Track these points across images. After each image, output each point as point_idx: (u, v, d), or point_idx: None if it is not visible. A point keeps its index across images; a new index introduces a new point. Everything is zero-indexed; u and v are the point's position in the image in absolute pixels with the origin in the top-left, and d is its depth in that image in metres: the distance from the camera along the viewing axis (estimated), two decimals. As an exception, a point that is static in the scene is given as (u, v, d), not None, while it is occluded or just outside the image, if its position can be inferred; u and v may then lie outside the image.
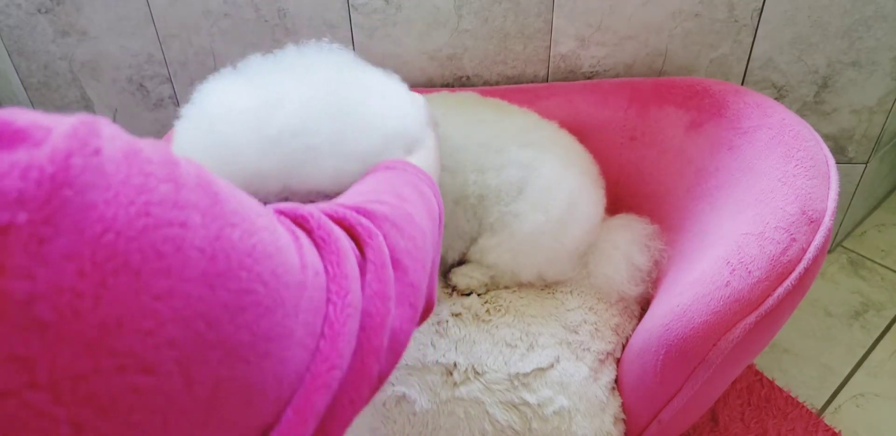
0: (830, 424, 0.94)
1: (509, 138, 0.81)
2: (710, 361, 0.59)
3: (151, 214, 0.22)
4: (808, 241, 0.59)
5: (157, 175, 0.23)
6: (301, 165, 0.53)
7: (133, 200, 0.22)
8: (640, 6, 0.95)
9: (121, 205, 0.21)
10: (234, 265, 0.25)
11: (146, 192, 0.22)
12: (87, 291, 0.20)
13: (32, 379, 0.18)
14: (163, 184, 0.23)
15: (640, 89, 0.92)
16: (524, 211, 0.78)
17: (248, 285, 0.25)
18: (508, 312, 0.78)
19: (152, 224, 0.22)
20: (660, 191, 0.88)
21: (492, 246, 0.80)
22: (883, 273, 1.23)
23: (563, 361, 0.71)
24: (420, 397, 0.69)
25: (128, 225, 0.21)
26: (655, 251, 0.80)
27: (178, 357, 0.22)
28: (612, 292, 0.80)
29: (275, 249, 0.28)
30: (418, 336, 0.75)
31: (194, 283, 0.23)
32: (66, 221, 0.19)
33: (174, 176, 0.24)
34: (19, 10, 1.06)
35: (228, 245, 0.25)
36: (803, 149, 0.69)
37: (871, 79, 1.00)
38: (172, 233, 0.22)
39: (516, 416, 0.68)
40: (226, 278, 0.24)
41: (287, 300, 0.28)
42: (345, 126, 0.54)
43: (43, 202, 0.19)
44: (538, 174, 0.79)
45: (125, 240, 0.21)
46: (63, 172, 0.19)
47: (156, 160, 0.24)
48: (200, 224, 0.24)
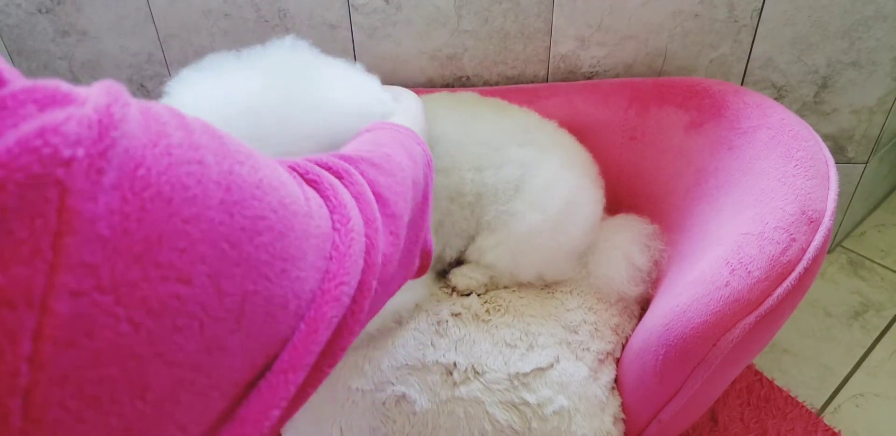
0: (830, 424, 0.94)
1: (509, 137, 0.81)
2: (710, 361, 0.59)
3: (173, 154, 0.26)
4: (808, 241, 0.59)
5: (170, 124, 0.27)
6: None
7: (156, 142, 0.25)
8: (640, 6, 0.95)
9: (147, 147, 0.25)
10: (247, 195, 0.29)
11: (165, 136, 0.26)
12: (132, 213, 0.24)
13: (99, 283, 0.22)
14: (177, 131, 0.27)
15: (640, 89, 0.92)
16: (521, 210, 0.78)
17: (261, 212, 0.29)
18: (508, 312, 0.78)
19: (175, 162, 0.26)
20: (659, 191, 0.88)
21: (490, 246, 0.80)
22: (882, 273, 1.23)
23: (562, 361, 0.71)
24: (420, 396, 0.69)
25: (156, 162, 0.25)
26: (655, 251, 0.80)
27: (208, 272, 0.26)
28: (612, 293, 0.80)
29: (279, 183, 0.32)
30: (418, 336, 0.75)
31: (215, 210, 0.27)
32: (115, 157, 0.23)
33: (184, 124, 0.28)
34: (19, 9, 1.06)
35: (239, 179, 0.29)
36: (803, 149, 0.69)
37: (870, 79, 1.00)
38: (192, 169, 0.26)
39: (516, 416, 0.68)
40: (241, 206, 0.28)
41: (297, 226, 0.32)
42: (290, 109, 0.58)
43: (96, 141, 0.23)
44: (536, 173, 0.79)
45: (155, 174, 0.25)
46: (107, 119, 0.23)
47: (165, 113, 0.28)
48: (213, 162, 0.28)
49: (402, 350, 0.73)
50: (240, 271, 0.28)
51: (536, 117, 0.87)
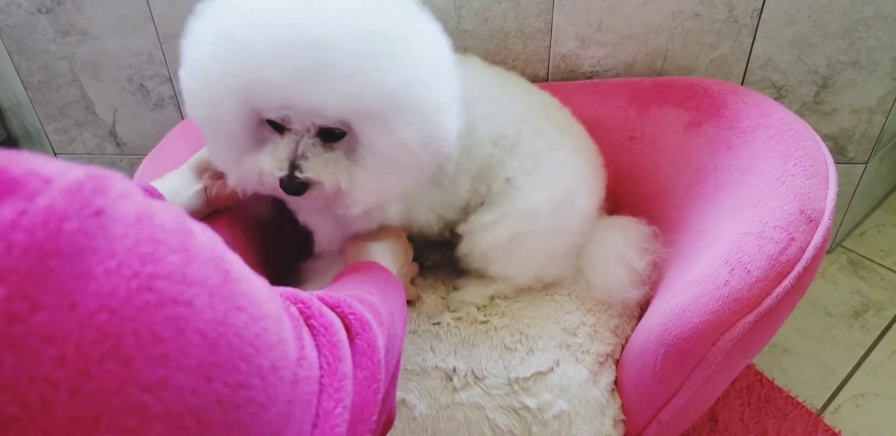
0: (830, 424, 0.94)
1: (541, 108, 0.82)
2: (709, 360, 0.59)
3: (155, 289, 0.19)
4: (807, 240, 0.59)
5: (168, 244, 0.21)
6: (308, 80, 0.51)
7: (137, 271, 0.19)
8: (640, 6, 0.95)
9: (123, 276, 0.18)
10: (236, 355, 0.22)
11: (153, 262, 0.20)
12: (63, 380, 0.17)
13: None
14: (173, 254, 0.21)
15: (640, 89, 0.92)
16: (527, 185, 0.76)
17: (246, 379, 0.23)
18: (506, 315, 0.78)
19: (154, 302, 0.19)
20: (659, 190, 0.88)
21: (490, 222, 0.76)
22: (883, 273, 1.23)
23: (562, 364, 0.71)
24: (419, 402, 0.69)
25: (126, 302, 0.18)
26: (654, 254, 0.79)
27: None
28: (613, 300, 0.78)
29: (277, 339, 0.26)
30: (417, 340, 0.74)
31: (190, 373, 0.20)
32: (49, 296, 0.16)
33: (186, 246, 0.22)
34: (19, 9, 1.06)
35: (233, 332, 0.23)
36: (802, 148, 0.69)
37: (870, 79, 1.00)
38: (175, 313, 0.20)
39: (516, 420, 0.67)
40: (224, 370, 0.22)
41: (281, 397, 0.25)
42: (368, 53, 0.52)
43: (24, 275, 0.16)
44: (551, 153, 0.77)
45: (120, 320, 0.18)
46: (53, 239, 0.17)
47: (169, 227, 0.21)
48: (207, 304, 0.22)
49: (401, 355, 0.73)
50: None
51: (557, 101, 0.86)
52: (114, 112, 1.19)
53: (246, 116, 0.57)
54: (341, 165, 0.59)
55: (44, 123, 1.21)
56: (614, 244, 0.80)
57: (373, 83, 0.53)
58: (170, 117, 1.17)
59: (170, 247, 0.21)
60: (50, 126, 1.22)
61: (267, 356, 0.24)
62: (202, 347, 0.21)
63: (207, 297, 0.22)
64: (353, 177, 0.60)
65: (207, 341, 0.21)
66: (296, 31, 0.51)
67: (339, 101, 0.53)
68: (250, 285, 0.25)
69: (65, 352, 0.17)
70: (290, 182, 0.58)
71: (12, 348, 0.16)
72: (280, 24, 0.51)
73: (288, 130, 0.58)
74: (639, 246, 0.79)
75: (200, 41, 0.55)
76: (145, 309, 0.19)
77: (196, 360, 0.21)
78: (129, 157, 1.25)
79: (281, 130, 0.59)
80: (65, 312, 0.17)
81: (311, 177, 0.58)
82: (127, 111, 1.18)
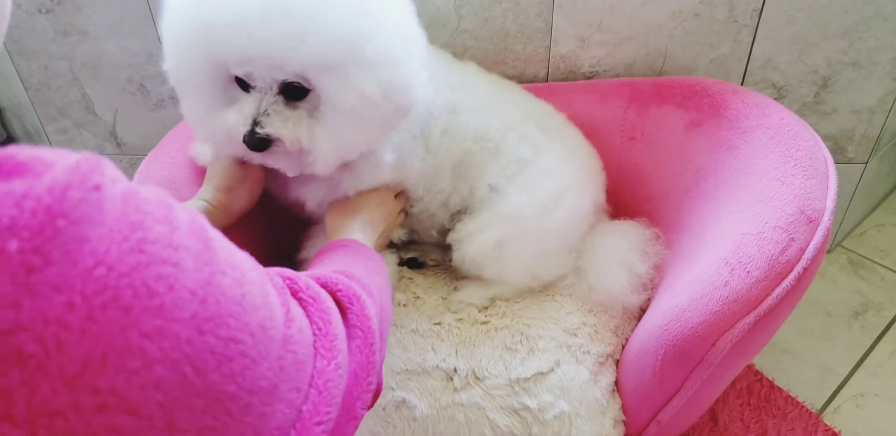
0: (830, 424, 0.94)
1: (533, 114, 0.83)
2: (709, 361, 0.59)
3: (145, 251, 0.22)
4: (807, 240, 0.59)
5: (153, 215, 0.23)
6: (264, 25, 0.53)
7: (127, 236, 0.21)
8: (640, 6, 0.95)
9: (114, 241, 0.21)
10: (224, 311, 0.25)
11: (141, 229, 0.22)
12: (74, 323, 0.19)
13: (8, 413, 0.18)
14: (158, 224, 0.23)
15: (640, 89, 0.92)
16: (510, 191, 0.76)
17: (236, 334, 0.25)
18: (507, 315, 0.78)
19: (145, 261, 0.22)
20: (658, 191, 0.88)
21: (474, 229, 0.77)
22: (883, 273, 1.23)
23: (563, 364, 0.71)
24: (420, 402, 0.69)
25: (120, 260, 0.21)
26: (655, 257, 0.79)
27: (162, 400, 0.22)
28: (615, 305, 0.78)
29: (263, 301, 0.28)
30: (418, 341, 0.74)
31: (184, 324, 0.22)
32: (57, 251, 0.19)
33: (170, 218, 0.24)
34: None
35: (219, 291, 0.25)
36: (802, 149, 0.69)
37: (870, 79, 1.00)
38: (165, 272, 0.22)
39: (517, 421, 0.67)
40: (215, 324, 0.24)
41: (272, 353, 0.27)
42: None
43: (35, 231, 0.18)
44: (540, 160, 0.78)
45: (117, 275, 0.20)
46: (59, 203, 0.19)
47: (153, 201, 0.24)
48: (193, 267, 0.24)
49: (402, 354, 0.73)
50: (199, 403, 0.23)
51: (551, 107, 0.88)
52: (114, 112, 1.19)
53: (213, 70, 0.59)
54: (302, 122, 0.61)
55: (44, 123, 1.21)
56: (616, 249, 0.80)
57: (329, 31, 0.53)
58: (170, 117, 1.17)
59: (155, 218, 0.23)
60: (50, 126, 1.22)
61: (253, 315, 0.27)
62: (192, 302, 0.23)
63: (192, 260, 0.24)
64: (313, 134, 0.61)
65: (197, 298, 0.23)
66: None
67: (292, 50, 0.54)
68: (232, 255, 0.28)
69: (72, 299, 0.19)
70: (251, 137, 0.60)
71: (30, 294, 0.18)
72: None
73: (253, 88, 0.60)
74: (640, 250, 0.79)
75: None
76: (138, 267, 0.21)
77: (188, 313, 0.23)
78: (129, 157, 1.25)
79: (247, 88, 0.60)
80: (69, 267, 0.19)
81: (271, 133, 0.60)
82: (127, 111, 1.18)
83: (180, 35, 0.58)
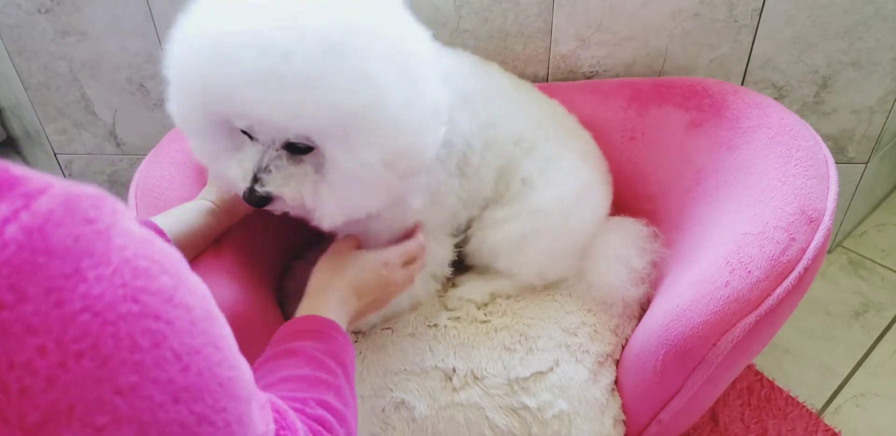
0: (830, 424, 0.94)
1: (553, 116, 0.84)
2: (710, 361, 0.59)
3: (140, 301, 0.20)
4: (808, 240, 0.59)
5: (163, 265, 0.22)
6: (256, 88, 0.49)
7: (127, 282, 0.20)
8: (640, 6, 0.95)
9: (112, 284, 0.19)
10: (204, 386, 0.23)
11: (145, 277, 0.20)
12: (42, 369, 0.17)
13: None
14: (166, 275, 0.22)
15: (640, 89, 0.92)
16: (541, 186, 0.78)
17: (210, 415, 0.23)
18: (507, 315, 0.77)
19: (137, 312, 0.20)
20: (659, 191, 0.88)
21: (500, 218, 0.78)
22: (883, 273, 1.23)
23: (562, 364, 0.71)
24: (419, 402, 0.69)
25: (111, 307, 0.19)
26: (653, 253, 0.79)
27: None
28: (615, 299, 0.79)
29: (245, 398, 0.26)
30: (416, 341, 0.74)
31: (161, 387, 0.21)
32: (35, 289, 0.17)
33: (180, 273, 0.23)
34: (19, 9, 1.06)
35: (205, 364, 0.23)
36: (802, 149, 0.69)
37: (871, 79, 1.00)
38: (156, 327, 0.21)
39: (516, 420, 0.67)
40: (192, 396, 0.22)
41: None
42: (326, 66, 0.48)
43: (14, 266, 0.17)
44: (563, 158, 0.80)
45: (102, 322, 0.19)
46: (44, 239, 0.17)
47: (167, 252, 0.22)
48: (187, 330, 0.22)
49: (400, 355, 0.73)
50: None
51: (564, 108, 0.88)
52: (113, 112, 1.18)
53: (215, 120, 0.56)
54: (307, 179, 0.57)
55: (43, 123, 1.21)
56: (613, 244, 0.81)
57: (328, 101, 0.49)
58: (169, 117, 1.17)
59: (164, 268, 0.22)
60: (50, 126, 1.22)
61: (233, 403, 0.24)
62: (175, 366, 0.22)
63: (188, 323, 0.22)
64: (318, 193, 0.57)
65: (181, 363, 0.22)
66: (246, 34, 0.48)
67: (289, 116, 0.50)
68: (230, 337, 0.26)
69: (46, 343, 0.18)
70: (250, 195, 0.56)
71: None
72: (235, 25, 0.48)
73: (255, 140, 0.56)
74: (637, 245, 0.80)
75: (175, 38, 0.53)
76: (127, 317, 0.20)
77: (167, 376, 0.21)
78: (128, 157, 1.25)
79: (252, 136, 0.57)
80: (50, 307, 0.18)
81: (271, 191, 0.56)
82: (126, 111, 1.18)
83: (181, 83, 0.55)
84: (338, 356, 0.49)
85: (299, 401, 0.40)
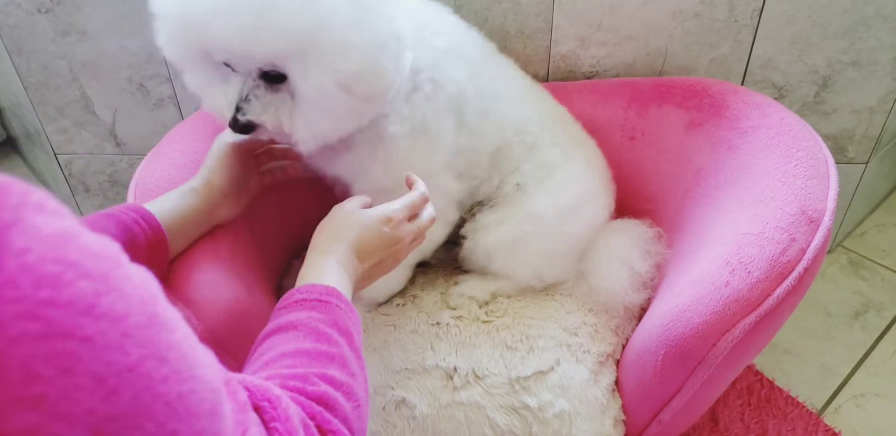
0: (830, 424, 0.94)
1: (559, 122, 0.84)
2: (710, 361, 0.59)
3: (43, 317, 0.16)
4: (808, 240, 0.59)
5: (83, 268, 0.17)
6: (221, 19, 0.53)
7: (26, 295, 0.15)
8: (641, 6, 0.95)
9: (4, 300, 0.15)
10: (142, 411, 0.18)
11: (53, 286, 0.16)
12: None
13: None
14: (84, 280, 0.17)
15: (640, 89, 0.92)
16: (535, 193, 0.78)
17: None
18: (507, 314, 0.77)
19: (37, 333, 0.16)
20: (659, 191, 0.88)
21: (493, 222, 0.78)
22: (883, 273, 1.23)
23: (563, 363, 0.71)
24: (420, 401, 0.69)
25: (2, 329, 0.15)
26: (657, 256, 0.79)
27: None
28: (617, 305, 0.78)
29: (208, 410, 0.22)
30: (417, 339, 0.74)
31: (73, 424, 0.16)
32: None
33: (107, 275, 0.18)
34: (19, 9, 1.06)
35: (143, 383, 0.19)
36: (802, 149, 0.69)
37: (871, 79, 1.00)
38: (64, 349, 0.16)
39: (517, 420, 0.67)
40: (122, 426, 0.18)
41: None
42: None
43: None
44: (567, 165, 0.80)
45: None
46: None
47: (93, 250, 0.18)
48: (115, 345, 0.18)
49: (401, 354, 0.73)
50: None
51: (571, 116, 0.89)
52: (113, 112, 1.18)
53: (200, 54, 0.60)
54: (284, 106, 0.61)
55: (43, 123, 1.21)
56: (617, 247, 0.80)
57: (279, 25, 0.53)
58: (170, 117, 1.17)
59: (84, 272, 0.18)
60: (50, 126, 1.22)
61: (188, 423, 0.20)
62: (95, 393, 0.18)
63: (118, 336, 0.18)
64: (292, 118, 0.61)
65: (104, 389, 0.18)
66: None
67: (252, 43, 0.55)
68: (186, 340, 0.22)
69: None
70: (234, 123, 0.61)
71: None
72: None
73: (236, 72, 0.60)
74: (642, 248, 0.79)
75: None
76: (20, 340, 0.16)
77: (84, 408, 0.17)
78: (128, 157, 1.25)
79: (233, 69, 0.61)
80: None
81: (252, 119, 0.60)
82: (127, 111, 1.18)
83: (164, 19, 0.60)
84: (341, 325, 0.47)
85: (300, 378, 0.39)
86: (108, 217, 0.55)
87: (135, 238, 0.55)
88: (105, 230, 0.54)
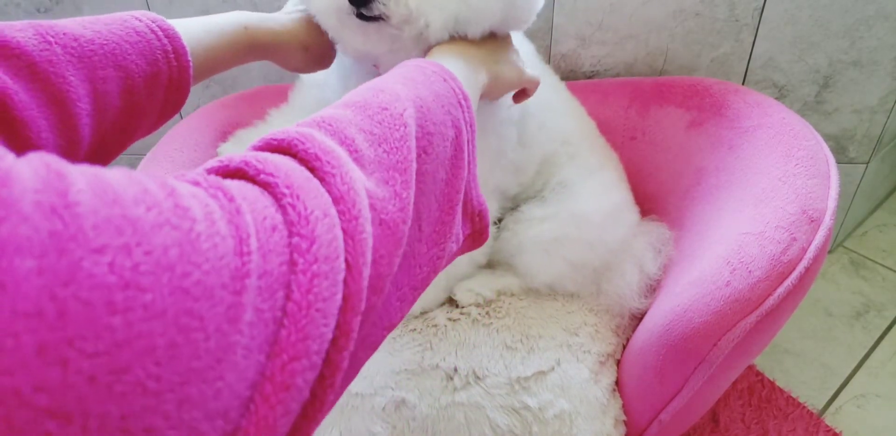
0: (831, 424, 0.94)
1: (592, 135, 0.86)
2: (711, 361, 0.58)
3: None
4: (809, 240, 0.59)
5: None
6: None
7: None
8: (641, 5, 0.95)
9: None
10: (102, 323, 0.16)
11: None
12: None
13: None
14: None
15: (641, 89, 0.92)
16: (582, 192, 0.78)
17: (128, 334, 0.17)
18: (508, 315, 0.77)
19: None
20: (660, 190, 0.88)
21: (538, 217, 0.78)
22: (884, 274, 1.23)
23: (563, 363, 0.71)
24: (420, 401, 0.68)
25: None
26: (666, 258, 0.79)
27: None
28: (623, 311, 0.78)
29: (189, 249, 0.19)
30: (417, 339, 0.74)
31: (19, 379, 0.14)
32: None
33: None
34: (19, 9, 1.06)
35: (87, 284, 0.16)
36: (803, 148, 0.69)
37: (872, 78, 1.00)
38: None
39: (517, 420, 0.67)
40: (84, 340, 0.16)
41: (208, 322, 0.19)
42: None
43: None
44: (603, 172, 0.82)
45: None
46: None
47: None
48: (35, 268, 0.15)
49: (401, 354, 0.73)
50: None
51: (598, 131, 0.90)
52: (113, 112, 1.18)
53: None
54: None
55: (43, 122, 1.21)
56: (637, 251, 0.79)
57: None
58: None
59: None
60: (49, 126, 1.22)
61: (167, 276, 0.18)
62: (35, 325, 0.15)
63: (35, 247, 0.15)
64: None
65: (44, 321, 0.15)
66: None
67: None
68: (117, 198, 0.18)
69: None
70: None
71: None
72: None
73: None
74: (655, 250, 0.79)
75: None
76: None
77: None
78: (128, 157, 1.24)
79: None
80: None
81: None
82: (127, 111, 1.18)
83: None
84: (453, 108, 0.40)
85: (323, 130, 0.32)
86: (137, 35, 0.47)
87: (158, 76, 0.48)
88: (126, 56, 0.47)
